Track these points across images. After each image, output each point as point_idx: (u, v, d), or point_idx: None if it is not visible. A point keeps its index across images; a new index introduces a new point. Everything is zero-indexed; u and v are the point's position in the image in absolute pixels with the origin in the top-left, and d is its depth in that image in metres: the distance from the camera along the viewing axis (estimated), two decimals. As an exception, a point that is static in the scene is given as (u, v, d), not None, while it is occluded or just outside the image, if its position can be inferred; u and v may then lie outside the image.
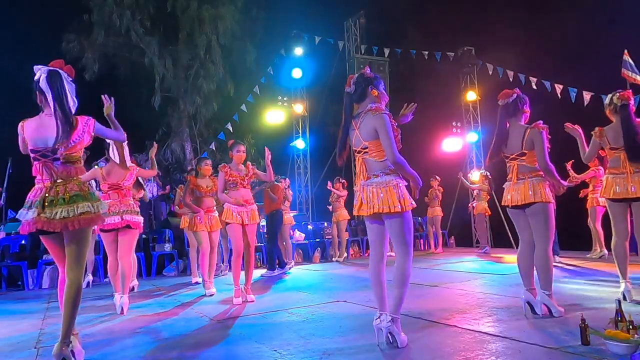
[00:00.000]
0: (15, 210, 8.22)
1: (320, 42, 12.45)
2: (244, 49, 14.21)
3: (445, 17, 14.00)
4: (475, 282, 5.51)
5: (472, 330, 3.22)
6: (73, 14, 13.01)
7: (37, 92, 2.82)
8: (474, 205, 9.97)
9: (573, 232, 7.63)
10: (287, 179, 8.60)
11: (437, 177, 10.09)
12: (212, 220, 5.73)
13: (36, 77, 2.82)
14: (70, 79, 2.92)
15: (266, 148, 5.03)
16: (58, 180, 2.76)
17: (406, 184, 2.95)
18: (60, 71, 2.86)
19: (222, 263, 7.78)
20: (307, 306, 4.46)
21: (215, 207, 5.85)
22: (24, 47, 11.74)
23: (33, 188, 2.81)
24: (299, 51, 12.44)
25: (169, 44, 14.08)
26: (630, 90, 4.04)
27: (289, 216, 8.33)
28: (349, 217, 9.10)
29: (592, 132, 4.07)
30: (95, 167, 4.87)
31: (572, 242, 7.84)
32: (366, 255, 10.06)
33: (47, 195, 2.72)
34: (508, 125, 3.64)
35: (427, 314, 3.77)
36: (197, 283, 6.40)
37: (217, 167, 5.10)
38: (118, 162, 4.49)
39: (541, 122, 3.51)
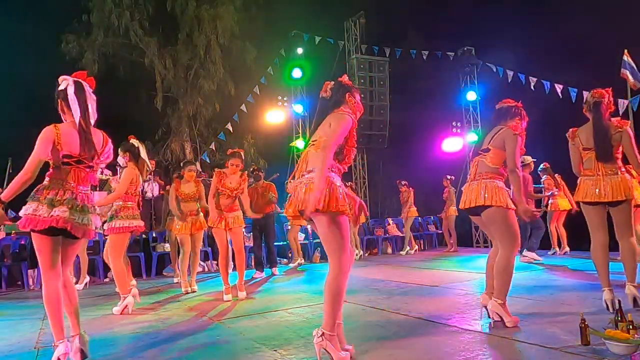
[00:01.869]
0: (15, 210, 8.21)
1: (320, 42, 12.44)
2: (244, 49, 14.22)
3: (445, 17, 14.01)
4: (475, 282, 5.50)
5: (472, 330, 3.22)
6: (72, 15, 13.02)
7: (60, 100, 2.87)
8: None
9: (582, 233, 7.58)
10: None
11: (449, 177, 10.08)
12: (195, 223, 5.82)
13: (61, 87, 2.86)
14: (91, 91, 2.97)
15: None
16: (80, 187, 2.82)
17: (339, 184, 2.65)
18: (84, 83, 2.91)
19: (216, 263, 7.85)
20: (307, 306, 4.46)
21: (197, 211, 5.88)
22: (23, 48, 11.74)
23: (51, 186, 2.73)
24: (299, 51, 12.43)
25: (169, 44, 14.09)
26: (610, 88, 3.87)
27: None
28: (364, 219, 9.28)
29: (567, 135, 3.87)
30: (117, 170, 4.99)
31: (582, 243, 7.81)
32: (367, 255, 10.06)
33: (74, 199, 2.76)
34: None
35: (427, 314, 3.76)
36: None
37: (214, 168, 5.26)
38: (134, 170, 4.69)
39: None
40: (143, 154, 4.77)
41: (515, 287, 4.71)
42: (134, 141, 4.78)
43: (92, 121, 2.94)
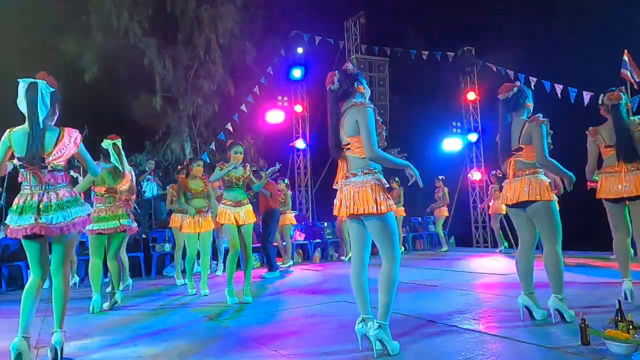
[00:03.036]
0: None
1: (320, 42, 12.45)
2: (244, 49, 14.23)
3: (445, 17, 14.00)
4: (475, 282, 5.50)
5: (472, 330, 3.22)
6: (71, 16, 13.01)
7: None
8: (489, 204, 9.84)
9: (590, 233, 7.56)
10: (285, 180, 8.56)
11: (441, 177, 10.09)
12: (202, 221, 5.65)
13: (19, 89, 2.89)
14: (52, 90, 2.95)
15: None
16: (49, 187, 2.87)
17: (387, 184, 2.81)
18: (40, 82, 2.90)
19: (216, 263, 7.76)
20: (307, 306, 4.46)
21: (207, 208, 5.80)
22: (23, 49, 11.72)
23: (20, 194, 2.88)
24: (299, 51, 12.44)
25: (168, 44, 14.09)
26: (622, 88, 3.99)
27: (290, 215, 8.31)
28: None
29: (587, 132, 4.02)
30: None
31: (589, 243, 7.81)
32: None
33: (40, 201, 2.82)
34: (511, 120, 3.52)
35: (427, 314, 3.76)
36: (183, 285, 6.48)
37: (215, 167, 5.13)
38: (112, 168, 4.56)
39: (540, 115, 3.38)
40: (113, 156, 4.55)
41: (515, 287, 4.71)
42: (106, 141, 4.59)
43: (52, 119, 2.96)
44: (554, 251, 3.31)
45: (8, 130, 2.87)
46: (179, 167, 6.52)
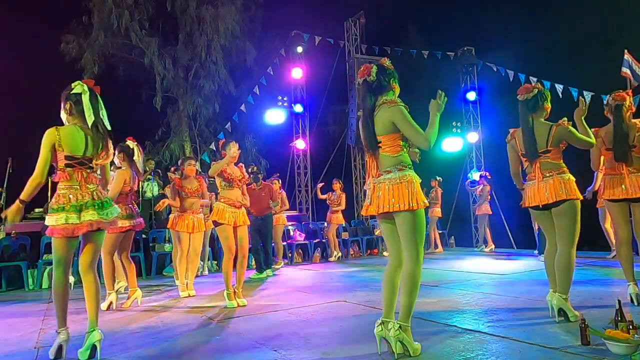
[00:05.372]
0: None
1: (320, 42, 12.45)
2: (244, 49, 14.24)
3: (445, 17, 14.03)
4: (475, 282, 5.50)
5: (472, 330, 3.22)
6: (72, 15, 13.03)
7: (73, 103, 3.03)
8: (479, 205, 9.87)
9: (594, 233, 7.55)
10: (279, 179, 8.52)
11: (438, 178, 10.12)
12: (195, 222, 5.66)
13: (76, 90, 3.03)
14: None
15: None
16: (90, 186, 2.99)
17: (420, 180, 2.80)
18: (92, 90, 3.10)
19: (203, 262, 7.71)
20: (307, 306, 4.46)
21: (201, 209, 5.82)
22: (23, 49, 11.74)
23: (60, 193, 2.93)
24: (299, 51, 12.44)
25: (169, 44, 14.11)
26: (630, 90, 4.02)
27: (283, 216, 8.30)
28: (343, 221, 9.45)
29: None
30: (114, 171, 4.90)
31: (592, 243, 7.81)
32: (367, 254, 10.06)
33: (83, 200, 2.93)
34: (533, 122, 3.47)
35: (427, 314, 3.76)
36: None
37: None
38: (123, 167, 4.76)
39: (565, 118, 3.41)
40: (136, 156, 4.77)
41: (515, 287, 4.72)
42: (129, 142, 4.78)
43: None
44: (568, 252, 3.31)
45: (54, 128, 2.92)
46: (172, 168, 6.49)
